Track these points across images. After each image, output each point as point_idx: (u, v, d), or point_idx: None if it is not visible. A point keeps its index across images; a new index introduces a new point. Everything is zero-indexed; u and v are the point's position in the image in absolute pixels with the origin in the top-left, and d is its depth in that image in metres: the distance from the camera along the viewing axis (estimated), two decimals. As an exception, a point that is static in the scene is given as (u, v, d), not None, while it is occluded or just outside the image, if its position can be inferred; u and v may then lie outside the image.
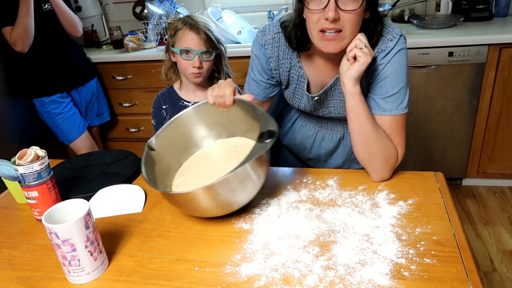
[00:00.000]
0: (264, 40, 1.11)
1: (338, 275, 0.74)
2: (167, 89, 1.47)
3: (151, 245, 0.87)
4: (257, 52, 1.14)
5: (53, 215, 0.77)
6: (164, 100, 1.44)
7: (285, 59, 1.12)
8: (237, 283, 0.75)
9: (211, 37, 1.33)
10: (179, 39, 1.33)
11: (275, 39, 1.10)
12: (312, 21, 0.96)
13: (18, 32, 1.97)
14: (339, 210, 0.93)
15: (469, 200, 2.26)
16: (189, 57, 1.32)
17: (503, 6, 2.27)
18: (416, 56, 2.00)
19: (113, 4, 2.77)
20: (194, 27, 1.32)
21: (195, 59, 1.31)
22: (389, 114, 1.02)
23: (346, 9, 0.92)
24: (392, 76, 1.02)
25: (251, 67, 1.18)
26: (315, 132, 1.28)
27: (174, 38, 1.34)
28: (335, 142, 1.27)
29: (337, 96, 1.14)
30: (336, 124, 1.24)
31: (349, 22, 0.93)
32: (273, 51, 1.11)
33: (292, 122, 1.32)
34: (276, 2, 2.56)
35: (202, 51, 1.32)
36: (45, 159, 0.92)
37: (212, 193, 0.82)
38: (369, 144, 1.01)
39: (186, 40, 1.32)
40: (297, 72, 1.13)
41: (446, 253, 0.78)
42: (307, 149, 1.31)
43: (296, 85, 1.15)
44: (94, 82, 2.34)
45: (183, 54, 1.32)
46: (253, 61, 1.16)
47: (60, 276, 0.80)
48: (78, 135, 2.28)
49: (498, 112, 2.08)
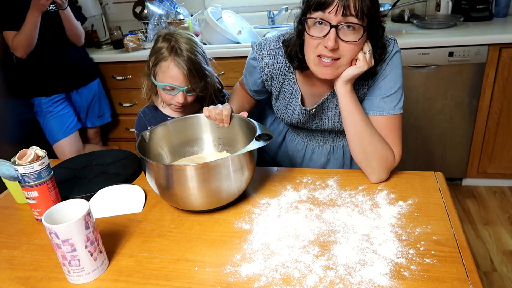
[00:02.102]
0: (259, 54, 1.12)
1: (338, 275, 0.74)
2: (147, 107, 1.34)
3: (151, 245, 0.87)
4: (251, 63, 1.17)
5: (53, 215, 0.77)
6: (148, 121, 1.33)
7: (279, 75, 1.14)
8: (237, 283, 0.75)
9: (197, 71, 1.20)
10: (162, 73, 1.19)
11: (270, 55, 1.11)
12: (311, 46, 0.96)
13: (21, 41, 1.97)
14: (339, 210, 0.93)
15: (469, 200, 2.26)
16: (172, 92, 1.20)
17: (503, 6, 2.27)
18: (416, 56, 2.01)
19: (113, 4, 2.77)
20: (180, 59, 1.17)
21: (179, 95, 1.19)
22: (387, 114, 1.04)
23: (346, 39, 0.92)
24: (391, 77, 1.04)
25: (245, 71, 1.22)
26: (304, 146, 1.29)
27: (156, 68, 1.20)
28: (325, 154, 1.27)
29: (332, 108, 1.15)
30: (326, 136, 1.25)
31: (348, 52, 0.94)
32: (267, 66, 1.12)
33: (282, 137, 1.32)
34: (276, 2, 2.56)
35: (187, 88, 1.19)
36: (45, 159, 0.92)
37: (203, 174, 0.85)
38: (364, 143, 1.01)
39: (170, 75, 1.17)
40: (290, 87, 1.14)
41: (446, 253, 0.78)
42: (298, 163, 1.32)
43: (289, 99, 1.16)
44: (96, 83, 2.34)
45: (165, 90, 1.20)
46: (247, 68, 1.20)
47: (60, 276, 0.80)
48: (64, 135, 2.22)
49: (498, 112, 2.08)
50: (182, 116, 1.12)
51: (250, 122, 1.01)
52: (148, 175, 0.93)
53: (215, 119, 1.07)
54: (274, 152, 1.36)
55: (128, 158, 1.24)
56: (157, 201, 1.03)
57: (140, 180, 1.14)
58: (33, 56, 2.06)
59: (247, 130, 1.03)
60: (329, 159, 1.28)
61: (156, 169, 0.89)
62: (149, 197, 1.05)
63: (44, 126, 2.24)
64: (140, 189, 1.06)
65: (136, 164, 1.19)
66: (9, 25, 1.97)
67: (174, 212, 0.98)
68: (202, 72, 1.22)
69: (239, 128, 1.07)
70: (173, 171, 0.87)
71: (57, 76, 2.16)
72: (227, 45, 2.19)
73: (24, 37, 1.96)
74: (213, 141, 1.13)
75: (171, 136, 1.09)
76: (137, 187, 1.07)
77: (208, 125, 1.11)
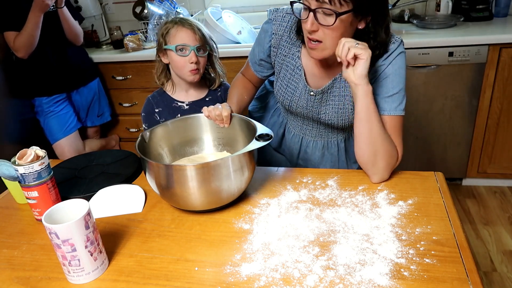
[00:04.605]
0: (274, 15, 1.15)
1: (338, 275, 0.74)
2: (157, 92, 1.45)
3: (151, 245, 0.87)
4: (263, 28, 1.19)
5: (53, 215, 0.77)
6: (156, 103, 1.41)
7: (286, 42, 1.15)
8: (237, 283, 0.75)
9: (203, 33, 1.34)
10: (173, 37, 1.32)
11: (285, 18, 1.13)
12: (303, 28, 1.01)
13: (23, 41, 1.96)
14: (339, 210, 0.93)
15: (469, 200, 2.26)
16: (184, 53, 1.31)
17: (503, 6, 2.27)
18: (416, 56, 2.01)
19: (113, 4, 2.77)
20: (187, 24, 1.32)
21: (191, 55, 1.31)
22: (388, 114, 1.03)
23: (322, 23, 0.95)
24: (393, 77, 1.03)
25: (254, 42, 1.24)
26: (299, 139, 1.29)
27: (166, 37, 1.33)
28: (319, 149, 1.27)
29: (331, 101, 1.14)
30: (321, 131, 1.25)
31: (328, 35, 0.97)
32: (279, 29, 1.14)
33: (283, 128, 1.33)
34: (276, 2, 2.56)
35: (197, 46, 1.32)
36: (45, 159, 0.92)
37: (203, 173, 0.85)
38: (378, 145, 1.00)
39: (180, 36, 1.31)
40: (293, 61, 1.14)
41: (446, 253, 0.78)
42: (295, 155, 1.33)
43: (290, 76, 1.16)
44: (95, 82, 2.34)
45: (178, 51, 1.31)
46: (257, 38, 1.23)
47: (60, 276, 0.80)
48: (64, 135, 2.22)
49: (498, 112, 2.08)
50: (182, 117, 1.11)
51: (250, 122, 1.01)
52: (148, 175, 0.93)
53: (215, 119, 1.07)
54: (278, 145, 1.37)
55: (128, 158, 1.24)
56: (157, 201, 1.03)
57: (140, 180, 1.14)
58: (32, 56, 2.06)
59: (247, 130, 1.03)
60: (324, 154, 1.28)
61: (156, 169, 0.89)
62: (149, 197, 1.05)
63: (44, 125, 2.24)
64: (140, 189, 1.06)
65: (136, 164, 1.19)
66: (10, 25, 1.97)
67: (174, 212, 0.98)
68: (208, 35, 1.36)
69: (239, 128, 1.07)
70: (173, 171, 0.87)
71: (57, 76, 2.16)
72: (227, 45, 2.19)
73: (26, 37, 1.95)
74: (213, 141, 1.13)
75: (171, 136, 1.09)
76: (137, 187, 1.07)
77: (208, 125, 1.11)
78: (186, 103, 1.41)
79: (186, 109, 1.41)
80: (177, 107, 1.40)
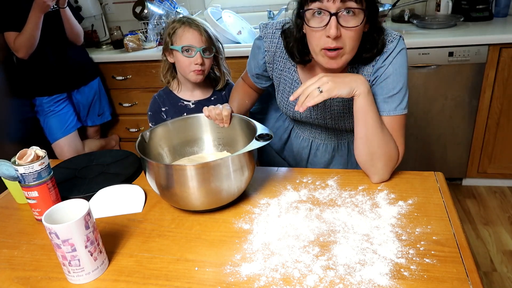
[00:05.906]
0: (264, 33, 1.13)
1: (338, 275, 0.74)
2: (163, 90, 1.45)
3: (151, 245, 0.87)
4: (256, 43, 1.18)
5: (53, 215, 0.77)
6: (162, 102, 1.42)
7: (280, 57, 1.14)
8: (237, 283, 0.75)
9: (210, 35, 1.34)
10: (179, 37, 1.32)
11: (275, 35, 1.12)
12: (314, 38, 0.96)
13: (23, 42, 1.96)
14: (339, 210, 0.93)
15: (469, 200, 2.26)
16: (190, 54, 1.31)
17: (503, 6, 2.27)
18: (416, 56, 2.01)
19: (113, 4, 2.77)
20: (194, 25, 1.32)
21: (197, 56, 1.31)
22: (387, 115, 1.02)
23: (347, 26, 0.92)
24: (394, 76, 1.02)
25: (249, 56, 1.23)
26: (309, 143, 1.28)
27: (173, 36, 1.34)
28: (329, 152, 1.27)
29: (335, 106, 1.13)
30: (330, 134, 1.24)
31: (350, 39, 0.94)
32: (271, 46, 1.13)
33: (288, 134, 1.32)
34: (276, 2, 2.56)
35: (203, 48, 1.32)
36: (45, 159, 0.92)
37: (203, 173, 0.85)
38: (374, 146, 0.99)
39: (186, 37, 1.31)
40: (290, 75, 1.14)
41: (446, 253, 0.78)
42: (304, 160, 1.32)
43: (289, 89, 1.16)
44: (96, 81, 2.34)
45: (184, 52, 1.32)
46: (251, 52, 1.22)
47: (60, 276, 0.80)
48: (64, 134, 2.22)
49: (498, 112, 2.08)
50: (182, 117, 1.12)
51: (250, 122, 1.01)
52: (148, 175, 0.93)
53: (215, 119, 1.07)
54: (280, 149, 1.36)
55: (128, 158, 1.24)
56: (157, 201, 1.03)
57: (140, 180, 1.14)
58: (32, 56, 2.06)
59: (247, 130, 1.03)
60: (334, 156, 1.27)
61: (156, 169, 0.89)
62: (149, 197, 1.05)
63: (44, 124, 2.24)
64: (140, 189, 1.06)
65: (136, 164, 1.19)
66: (10, 26, 1.97)
67: (174, 212, 0.98)
68: (214, 36, 1.37)
69: (239, 128, 1.07)
70: (173, 171, 0.87)
71: (58, 75, 2.16)
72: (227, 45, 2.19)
73: (26, 37, 1.95)
74: (213, 141, 1.13)
75: (171, 136, 1.09)
76: (137, 187, 1.07)
77: (208, 125, 1.11)
78: (192, 102, 1.41)
79: (192, 108, 1.41)
80: (183, 106, 1.41)
